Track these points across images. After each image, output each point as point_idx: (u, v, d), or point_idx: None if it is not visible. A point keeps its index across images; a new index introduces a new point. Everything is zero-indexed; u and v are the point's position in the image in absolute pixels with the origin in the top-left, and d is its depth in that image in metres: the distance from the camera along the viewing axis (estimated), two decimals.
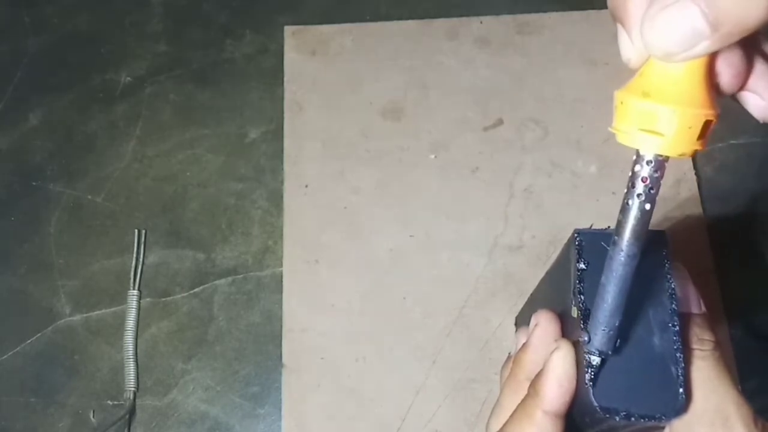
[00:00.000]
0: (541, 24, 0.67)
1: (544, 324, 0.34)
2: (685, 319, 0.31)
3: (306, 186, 0.61)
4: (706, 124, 0.25)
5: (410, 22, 0.67)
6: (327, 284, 0.58)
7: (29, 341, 0.58)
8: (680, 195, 0.59)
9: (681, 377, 0.29)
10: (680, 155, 0.25)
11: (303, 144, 0.63)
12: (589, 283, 0.31)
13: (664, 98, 0.24)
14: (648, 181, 0.26)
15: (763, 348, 0.55)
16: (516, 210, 0.60)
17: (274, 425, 0.55)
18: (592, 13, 0.66)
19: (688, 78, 0.24)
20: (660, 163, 0.26)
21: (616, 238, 0.27)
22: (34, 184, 0.63)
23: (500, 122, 0.63)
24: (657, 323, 0.30)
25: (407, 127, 0.63)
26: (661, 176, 0.26)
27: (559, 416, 0.31)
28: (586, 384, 0.30)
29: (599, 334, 0.29)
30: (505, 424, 0.32)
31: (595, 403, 0.29)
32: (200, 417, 0.55)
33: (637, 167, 0.26)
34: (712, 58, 0.25)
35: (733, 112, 0.30)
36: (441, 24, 0.67)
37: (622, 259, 0.27)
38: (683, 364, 0.29)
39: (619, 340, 0.29)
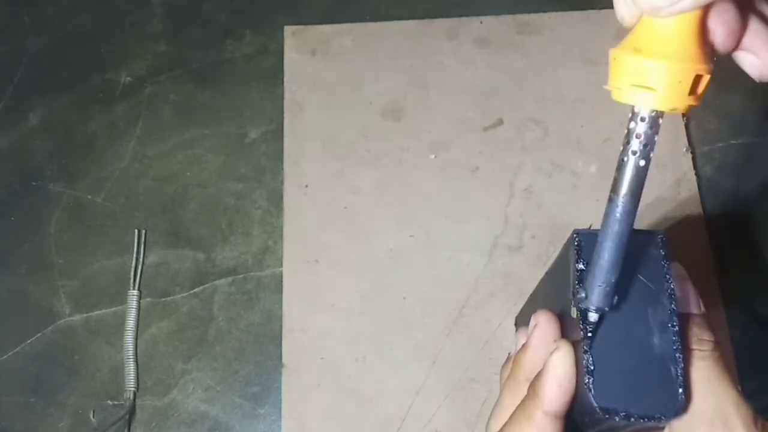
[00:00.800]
0: (541, 24, 0.67)
1: (544, 324, 0.34)
2: (684, 320, 0.31)
3: (306, 186, 0.61)
4: (697, 78, 0.25)
5: (410, 22, 0.67)
6: (327, 284, 0.58)
7: (29, 341, 0.58)
8: (680, 195, 0.59)
9: (680, 377, 0.29)
10: (672, 110, 0.26)
11: (303, 144, 0.63)
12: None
13: (654, 53, 0.25)
14: (642, 138, 0.27)
15: (763, 347, 0.55)
16: (516, 210, 0.60)
17: (274, 425, 0.55)
18: (592, 13, 0.66)
19: (678, 34, 0.25)
20: (654, 120, 0.26)
21: (612, 195, 0.28)
22: (34, 184, 0.63)
23: (500, 122, 0.63)
24: (656, 323, 0.30)
25: (407, 127, 0.63)
26: (656, 132, 0.27)
27: (559, 417, 0.30)
28: (586, 381, 0.30)
29: (596, 291, 0.29)
30: (505, 425, 0.32)
31: (595, 404, 0.29)
32: (200, 417, 0.55)
33: (632, 124, 0.27)
34: (704, 14, 0.25)
35: (733, 112, 0.30)
36: (441, 24, 0.67)
37: (618, 215, 0.28)
38: (683, 365, 0.29)
39: (616, 297, 0.29)
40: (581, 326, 0.30)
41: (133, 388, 0.56)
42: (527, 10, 0.67)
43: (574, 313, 0.31)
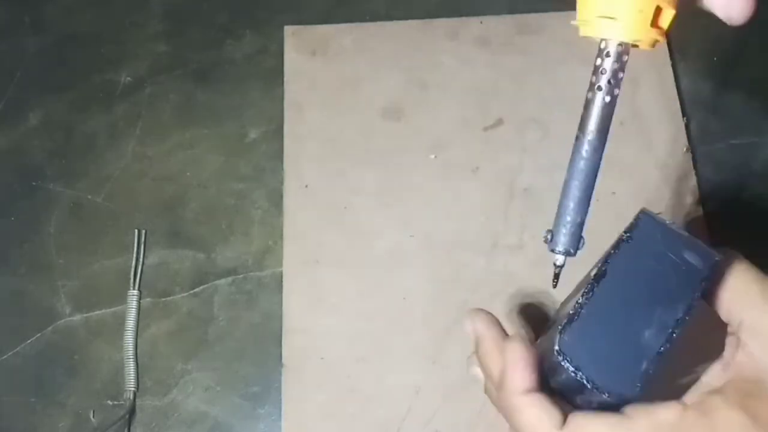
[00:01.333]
0: (541, 24, 0.67)
1: (484, 332, 0.35)
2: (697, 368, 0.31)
3: (306, 186, 0.61)
4: (658, 10, 0.26)
5: (410, 22, 0.67)
6: (327, 284, 0.58)
7: (29, 341, 0.58)
8: (680, 195, 0.60)
9: (647, 374, 0.29)
10: (636, 41, 0.27)
11: (303, 144, 0.63)
12: (621, 256, 0.31)
13: None
14: (608, 73, 0.27)
15: None
16: (516, 210, 0.60)
17: (274, 425, 0.55)
18: None
19: None
20: (619, 55, 0.27)
21: (578, 133, 0.28)
22: (34, 184, 0.63)
23: (500, 122, 0.63)
24: (658, 322, 0.30)
25: (407, 127, 0.63)
26: (621, 69, 0.27)
27: (538, 389, 0.31)
28: (561, 326, 0.30)
29: (561, 231, 0.29)
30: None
31: (556, 346, 0.30)
32: (200, 417, 0.55)
33: (598, 60, 0.28)
34: None
35: (733, 112, 0.30)
36: (441, 24, 0.67)
37: (584, 153, 0.28)
38: (655, 366, 0.29)
39: (583, 240, 0.29)
40: (553, 276, 0.30)
41: (133, 388, 0.56)
42: (527, 10, 0.67)
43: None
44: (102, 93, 0.66)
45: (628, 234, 0.32)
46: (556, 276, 0.30)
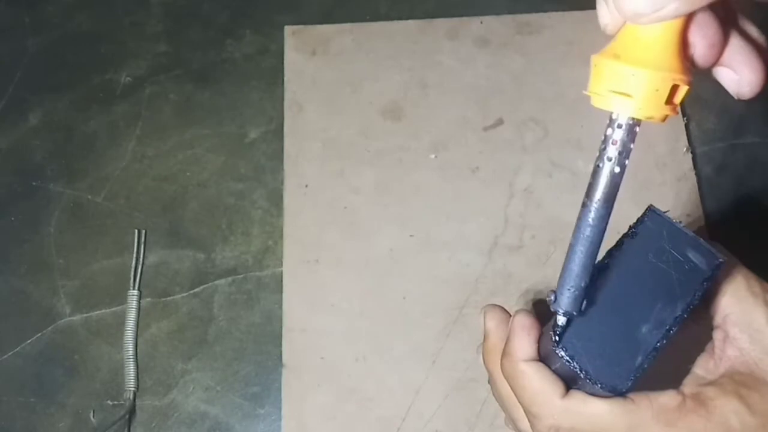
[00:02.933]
0: (541, 24, 0.67)
1: (490, 311, 0.37)
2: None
3: (306, 186, 0.61)
4: (674, 88, 0.26)
5: (410, 22, 0.67)
6: (327, 284, 0.58)
7: (29, 341, 0.58)
8: (680, 195, 0.59)
9: (641, 370, 0.30)
10: (648, 118, 0.27)
11: (303, 144, 0.63)
12: (625, 250, 0.32)
13: (633, 60, 0.25)
14: (618, 144, 0.27)
15: None
16: (516, 210, 0.60)
17: (274, 425, 0.55)
18: (592, 13, 0.66)
19: (658, 43, 0.25)
20: (630, 127, 0.27)
21: (586, 200, 0.28)
22: (34, 184, 0.63)
23: (500, 122, 0.63)
24: (656, 318, 0.30)
25: (407, 127, 0.63)
26: (632, 140, 0.27)
27: (536, 359, 0.32)
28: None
29: (565, 294, 0.29)
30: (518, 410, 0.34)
31: (553, 334, 0.30)
32: (200, 417, 0.55)
33: (609, 130, 0.27)
34: (685, 26, 0.25)
35: (733, 113, 0.30)
36: (441, 24, 0.67)
37: (591, 221, 0.28)
38: (649, 363, 0.30)
39: (585, 302, 0.30)
40: (552, 330, 0.31)
41: (133, 388, 0.56)
42: (527, 10, 0.67)
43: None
44: (102, 93, 0.66)
45: (633, 229, 0.32)
46: (558, 334, 0.31)
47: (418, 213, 0.60)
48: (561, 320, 0.30)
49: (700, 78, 0.27)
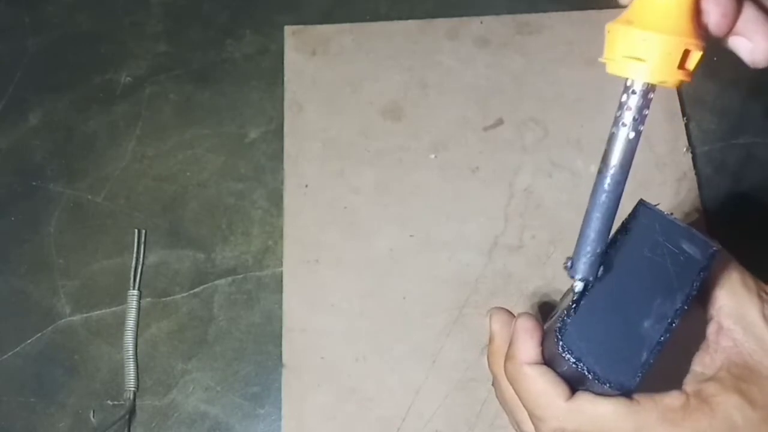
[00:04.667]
0: (541, 24, 0.67)
1: (496, 313, 0.37)
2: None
3: (306, 186, 0.61)
4: (686, 53, 0.26)
5: (410, 22, 0.67)
6: (327, 284, 0.58)
7: (29, 341, 0.58)
8: (680, 195, 0.60)
9: (647, 366, 0.30)
10: (662, 83, 0.27)
11: (303, 144, 0.63)
12: (620, 247, 0.32)
13: (646, 25, 0.26)
14: (633, 110, 0.28)
15: None
16: (516, 210, 0.60)
17: (274, 425, 0.55)
18: (592, 13, 0.66)
19: (671, 10, 0.26)
20: (645, 93, 0.27)
21: (602, 166, 0.29)
22: (34, 184, 0.63)
23: (500, 122, 0.63)
24: (657, 312, 0.30)
25: (407, 127, 0.63)
26: (646, 106, 0.28)
27: (540, 362, 0.32)
28: (563, 316, 0.30)
29: (582, 260, 0.30)
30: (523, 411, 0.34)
31: (557, 338, 0.30)
32: (200, 417, 0.55)
33: (624, 97, 0.28)
34: None
35: (733, 112, 0.30)
36: (441, 24, 0.67)
37: (607, 186, 0.29)
38: (655, 357, 0.30)
39: (602, 268, 0.30)
40: (569, 300, 0.31)
41: (133, 388, 0.56)
42: (527, 10, 0.67)
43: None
44: (102, 93, 0.66)
45: (626, 225, 0.32)
46: (575, 302, 0.31)
47: (418, 213, 0.60)
48: (578, 286, 0.30)
49: (700, 78, 0.27)
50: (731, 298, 0.32)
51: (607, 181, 0.29)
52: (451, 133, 0.63)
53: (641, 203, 0.33)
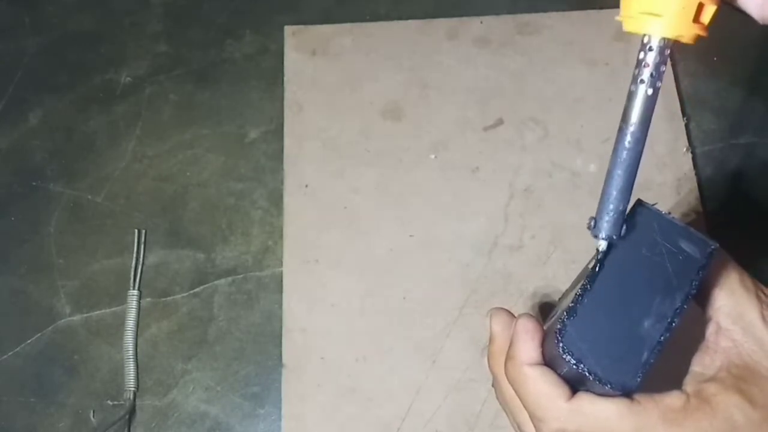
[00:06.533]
0: (541, 24, 0.67)
1: (496, 314, 0.37)
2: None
3: (306, 186, 0.61)
4: (700, 6, 0.27)
5: (410, 22, 0.67)
6: (327, 284, 0.58)
7: (29, 341, 0.58)
8: (680, 195, 0.60)
9: (647, 365, 0.30)
10: (678, 37, 0.28)
11: (303, 144, 0.63)
12: (619, 247, 0.32)
13: None
14: (651, 67, 0.28)
15: None
16: (516, 210, 0.60)
17: (274, 425, 0.55)
18: (592, 13, 0.66)
19: None
20: (661, 49, 0.28)
21: (622, 124, 0.30)
22: (34, 184, 0.63)
23: (500, 122, 0.63)
24: (657, 312, 0.30)
25: (407, 127, 0.63)
26: (663, 62, 0.28)
27: (541, 363, 0.32)
28: (563, 317, 0.30)
29: (605, 218, 0.30)
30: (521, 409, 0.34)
31: (557, 340, 0.30)
32: (200, 417, 0.55)
33: (641, 54, 0.29)
34: None
35: (733, 112, 0.30)
36: (441, 24, 0.67)
37: (627, 144, 0.29)
38: (656, 357, 0.30)
39: (624, 227, 0.30)
40: (592, 263, 0.31)
41: (133, 388, 0.56)
42: (527, 10, 0.67)
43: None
44: (102, 93, 0.66)
45: (624, 225, 0.32)
46: (599, 261, 0.31)
47: (418, 213, 0.60)
48: (602, 245, 0.31)
49: (700, 78, 0.27)
50: (730, 299, 0.32)
51: (627, 138, 0.29)
52: (451, 133, 0.63)
53: (639, 203, 0.33)
